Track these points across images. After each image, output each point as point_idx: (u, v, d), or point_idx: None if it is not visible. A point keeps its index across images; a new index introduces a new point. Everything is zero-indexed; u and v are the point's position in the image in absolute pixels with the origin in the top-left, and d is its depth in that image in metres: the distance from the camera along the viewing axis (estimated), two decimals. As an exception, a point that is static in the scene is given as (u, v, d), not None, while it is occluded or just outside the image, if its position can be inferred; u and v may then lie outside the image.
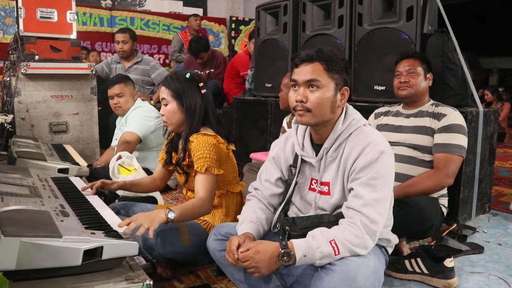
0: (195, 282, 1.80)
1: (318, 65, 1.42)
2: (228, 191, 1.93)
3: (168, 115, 1.88)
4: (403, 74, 2.27)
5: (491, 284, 1.82)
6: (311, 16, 3.30)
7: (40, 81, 3.18)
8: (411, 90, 2.25)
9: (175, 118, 1.88)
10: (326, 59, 1.42)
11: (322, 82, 1.41)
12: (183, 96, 1.85)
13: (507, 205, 2.83)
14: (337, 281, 1.25)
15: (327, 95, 1.42)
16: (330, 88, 1.42)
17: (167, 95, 1.87)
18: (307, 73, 1.42)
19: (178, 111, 1.86)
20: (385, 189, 1.39)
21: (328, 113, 1.44)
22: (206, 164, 1.74)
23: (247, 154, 3.23)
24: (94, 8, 6.60)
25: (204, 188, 1.73)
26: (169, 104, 1.87)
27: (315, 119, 1.44)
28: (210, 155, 1.76)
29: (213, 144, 1.79)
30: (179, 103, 1.86)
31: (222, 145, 1.86)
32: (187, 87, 1.86)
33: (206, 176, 1.74)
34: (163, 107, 1.90)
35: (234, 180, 1.96)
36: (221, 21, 7.86)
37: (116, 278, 1.25)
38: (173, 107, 1.86)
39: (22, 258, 1.11)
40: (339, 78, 1.43)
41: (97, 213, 1.54)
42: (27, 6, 3.15)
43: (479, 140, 2.52)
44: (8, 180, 1.69)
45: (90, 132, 3.42)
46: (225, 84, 4.72)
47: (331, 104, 1.43)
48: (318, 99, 1.41)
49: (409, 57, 2.30)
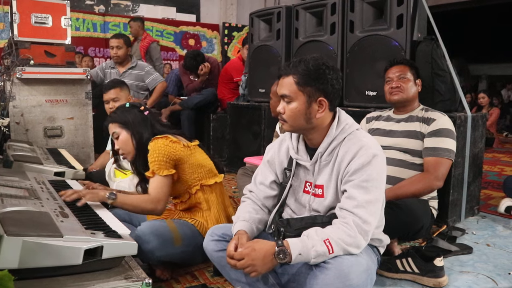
0: (192, 283, 1.83)
1: (290, 79, 1.48)
2: (203, 185, 1.97)
3: (123, 145, 1.95)
4: (394, 79, 2.33)
5: (480, 282, 1.87)
6: (304, 23, 3.36)
7: (35, 85, 3.20)
8: (403, 95, 2.31)
9: (129, 147, 1.95)
10: (300, 72, 1.47)
11: (293, 96, 1.48)
12: (129, 123, 1.95)
13: (495, 208, 2.90)
14: (331, 278, 1.29)
15: (299, 108, 1.48)
16: (301, 101, 1.47)
17: (115, 128, 1.96)
18: (281, 87, 1.51)
19: (130, 138, 1.94)
20: (377, 191, 1.44)
21: (303, 124, 1.50)
22: (154, 167, 1.84)
23: (241, 158, 3.27)
24: (87, 14, 6.63)
25: (152, 189, 1.84)
26: (120, 135, 1.95)
27: (292, 128, 1.53)
28: (158, 157, 1.84)
29: (162, 146, 1.86)
30: (128, 130, 1.95)
31: (177, 144, 1.90)
32: (129, 113, 1.97)
33: (154, 178, 1.85)
34: (116, 142, 1.98)
35: (208, 174, 1.99)
36: (214, 27, 7.92)
37: (116, 277, 1.28)
38: (125, 136, 1.95)
39: (25, 257, 1.13)
40: (312, 90, 1.47)
41: (96, 214, 1.57)
42: (21, 11, 3.17)
43: (467, 144, 2.58)
44: (7, 183, 1.71)
45: (84, 136, 3.43)
46: (219, 90, 4.75)
47: (304, 116, 1.48)
48: (290, 112, 1.49)
49: (399, 64, 2.36)
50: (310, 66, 1.46)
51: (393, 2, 2.75)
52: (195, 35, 7.73)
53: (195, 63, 4.51)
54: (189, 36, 7.67)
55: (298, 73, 1.47)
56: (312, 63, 1.47)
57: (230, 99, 4.51)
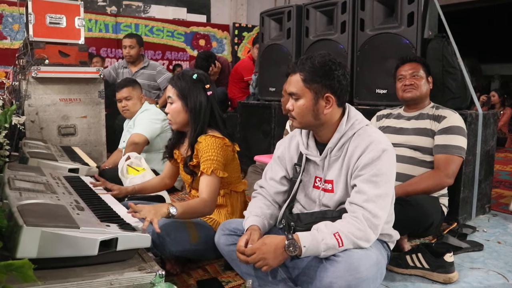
0: (203, 276, 1.86)
1: (297, 77, 1.51)
2: (232, 191, 1.97)
3: (173, 114, 1.90)
4: (407, 77, 2.33)
5: (490, 279, 1.87)
6: (314, 21, 3.37)
7: (50, 84, 3.26)
8: (416, 92, 2.31)
9: (179, 118, 1.90)
10: (307, 69, 1.49)
11: (300, 94, 1.50)
12: (188, 97, 1.87)
13: (506, 206, 2.88)
14: (341, 271, 1.31)
15: (306, 105, 1.50)
16: (308, 98, 1.50)
17: (172, 94, 1.90)
18: (289, 85, 1.54)
19: (183, 111, 1.89)
20: (387, 186, 1.45)
21: (311, 120, 1.52)
22: (213, 166, 1.77)
23: (251, 157, 3.30)
24: (99, 15, 6.70)
25: (208, 190, 1.77)
26: (174, 103, 1.90)
27: (300, 125, 1.56)
28: (217, 157, 1.79)
29: (221, 146, 1.83)
30: (183, 103, 1.88)
31: (229, 148, 1.89)
32: (193, 87, 1.88)
33: (211, 178, 1.78)
34: (168, 105, 1.92)
35: (238, 180, 2.01)
36: (225, 28, 7.95)
37: (130, 269, 1.30)
38: (178, 107, 1.89)
39: (43, 247, 1.17)
40: (319, 87, 1.49)
41: (110, 208, 1.61)
42: (37, 12, 3.23)
43: (478, 142, 2.58)
44: (24, 178, 1.75)
45: (97, 134, 3.48)
46: (229, 89, 4.79)
47: (312, 112, 1.50)
48: (298, 109, 1.52)
49: (411, 61, 2.36)
50: (316, 63, 1.49)
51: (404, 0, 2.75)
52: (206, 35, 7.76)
53: (207, 64, 4.55)
54: (200, 37, 7.70)
55: (304, 70, 1.49)
56: (318, 60, 1.49)
57: (241, 98, 4.53)
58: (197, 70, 1.96)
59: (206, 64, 4.57)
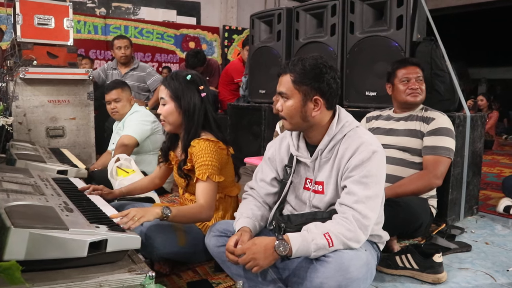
0: (193, 278, 1.85)
1: (288, 77, 1.51)
2: (226, 195, 1.95)
3: (166, 114, 1.85)
4: (412, 80, 2.31)
5: (478, 279, 1.89)
6: (304, 24, 3.39)
7: (38, 86, 3.22)
8: (422, 97, 2.33)
9: (172, 119, 1.85)
10: (297, 71, 1.50)
11: (289, 94, 1.51)
12: (182, 98, 1.82)
13: (494, 208, 2.92)
14: (332, 271, 1.32)
15: (294, 106, 1.51)
16: (296, 99, 1.50)
17: (165, 95, 1.84)
18: (280, 85, 1.54)
19: (176, 112, 1.83)
20: (377, 187, 1.46)
21: (300, 121, 1.53)
22: (208, 172, 1.73)
23: (241, 159, 3.29)
24: (88, 16, 6.65)
25: (204, 196, 1.72)
26: (167, 104, 1.84)
27: (291, 126, 1.56)
28: (212, 162, 1.75)
29: (215, 150, 1.78)
30: (177, 104, 1.83)
31: (224, 151, 1.86)
32: (186, 88, 1.83)
33: (207, 184, 1.73)
34: (161, 107, 1.87)
35: (232, 183, 1.98)
36: (214, 30, 7.95)
37: (120, 270, 1.29)
38: (171, 108, 1.84)
39: (31, 248, 1.15)
40: (308, 89, 1.49)
41: (100, 210, 1.59)
42: (24, 13, 3.20)
43: (466, 144, 2.61)
44: (11, 179, 1.73)
45: (86, 136, 3.45)
46: (220, 91, 4.80)
47: (300, 114, 1.51)
48: (287, 109, 1.53)
49: (415, 64, 2.34)
50: (307, 65, 1.49)
51: (393, 3, 2.78)
52: (196, 38, 7.75)
53: (197, 60, 4.61)
54: (190, 39, 7.69)
55: (295, 71, 1.50)
56: (309, 62, 1.50)
57: (231, 100, 4.54)
58: (190, 71, 1.92)
59: (196, 60, 4.61)
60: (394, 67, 2.39)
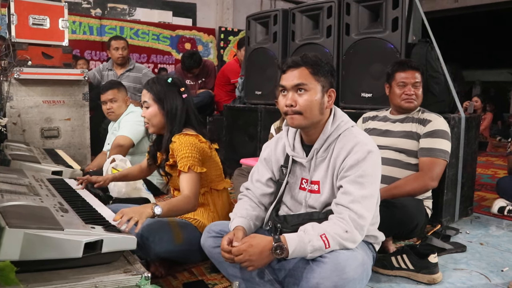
0: (189, 279, 1.84)
1: (304, 70, 1.49)
2: (212, 189, 1.99)
3: (149, 117, 1.95)
4: (408, 86, 2.28)
5: (473, 279, 1.90)
6: (300, 26, 3.40)
7: (33, 86, 3.21)
8: (417, 104, 2.32)
9: (155, 121, 1.94)
10: (312, 63, 1.50)
11: (309, 85, 1.49)
12: (164, 100, 1.91)
13: (489, 209, 2.93)
14: (328, 272, 1.32)
15: (315, 97, 1.49)
16: (317, 90, 1.49)
17: (148, 99, 1.94)
18: (294, 78, 1.49)
19: (159, 114, 1.93)
20: (372, 187, 1.47)
21: (317, 115, 1.51)
22: (189, 163, 1.80)
23: (237, 160, 3.29)
24: (84, 17, 6.63)
25: (188, 186, 1.79)
26: (150, 107, 1.94)
27: (306, 121, 1.50)
28: (192, 154, 1.82)
29: (195, 143, 1.85)
30: (160, 107, 1.92)
31: (204, 144, 1.91)
32: (168, 91, 1.92)
33: (189, 175, 1.80)
34: (144, 110, 1.96)
35: (218, 178, 2.02)
36: (210, 32, 7.95)
37: (115, 271, 1.29)
38: (154, 110, 1.93)
39: (26, 249, 1.14)
40: (325, 81, 1.50)
41: (95, 210, 1.58)
42: (19, 13, 3.18)
43: (461, 145, 2.62)
44: (6, 180, 1.72)
45: (81, 137, 3.44)
46: (216, 92, 4.79)
47: (319, 106, 1.50)
48: (306, 102, 1.48)
49: (414, 69, 2.30)
50: (320, 59, 1.51)
51: (388, 5, 2.79)
52: (191, 39, 7.74)
53: (193, 62, 4.61)
54: (185, 40, 7.68)
55: (310, 64, 1.49)
56: (319, 57, 1.52)
57: (227, 102, 4.53)
58: (171, 75, 2.01)
59: (192, 62, 4.61)
60: (393, 69, 2.35)
